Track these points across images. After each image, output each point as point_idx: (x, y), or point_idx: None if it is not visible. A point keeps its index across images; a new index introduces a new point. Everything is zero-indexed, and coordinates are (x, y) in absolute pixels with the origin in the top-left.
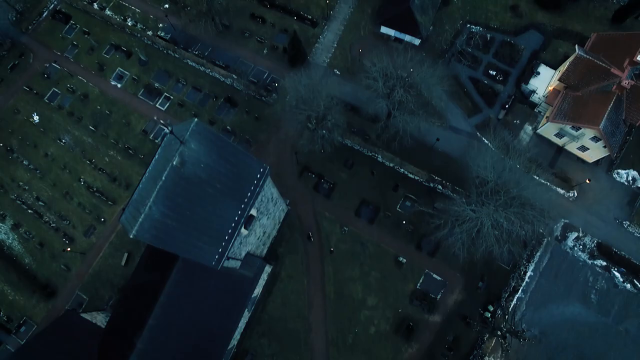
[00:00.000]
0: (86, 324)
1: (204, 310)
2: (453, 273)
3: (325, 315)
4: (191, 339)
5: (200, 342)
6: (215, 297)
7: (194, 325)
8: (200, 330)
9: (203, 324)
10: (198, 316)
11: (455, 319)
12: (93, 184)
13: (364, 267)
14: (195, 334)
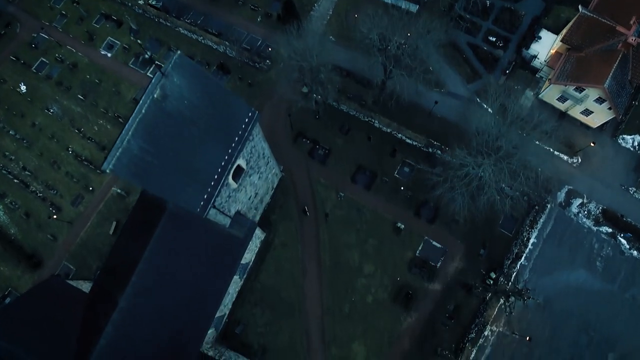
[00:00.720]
0: (71, 290)
1: (192, 269)
2: (453, 240)
3: (320, 284)
4: (179, 299)
5: (188, 303)
6: (204, 257)
7: (181, 285)
8: (188, 290)
9: (191, 284)
10: (186, 276)
11: (456, 287)
12: (82, 153)
13: (361, 234)
14: (183, 295)
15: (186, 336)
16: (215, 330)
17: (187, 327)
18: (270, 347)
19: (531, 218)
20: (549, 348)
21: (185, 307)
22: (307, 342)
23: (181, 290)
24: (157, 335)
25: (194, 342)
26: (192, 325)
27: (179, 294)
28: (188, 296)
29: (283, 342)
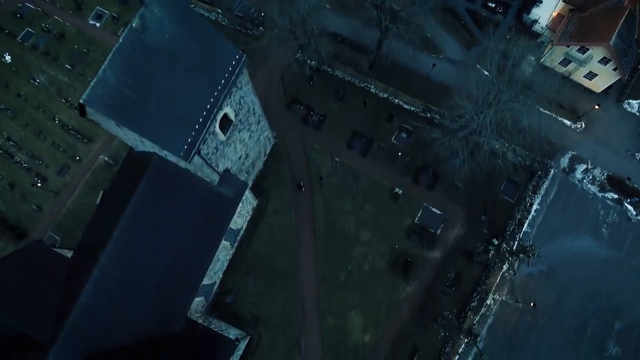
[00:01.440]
0: (53, 255)
1: (179, 228)
2: (453, 206)
3: (315, 252)
4: (164, 259)
5: (174, 264)
6: (191, 215)
7: (167, 245)
8: (174, 250)
9: (178, 243)
10: (172, 234)
11: (457, 255)
12: (69, 123)
13: (357, 201)
14: (169, 255)
15: (172, 300)
16: (205, 299)
17: (173, 290)
18: (263, 318)
19: (534, 183)
20: (554, 317)
21: (171, 268)
22: (301, 312)
23: (167, 250)
24: (141, 297)
25: (181, 306)
26: (178, 288)
27: (165, 253)
28: (174, 256)
29: (276, 312)
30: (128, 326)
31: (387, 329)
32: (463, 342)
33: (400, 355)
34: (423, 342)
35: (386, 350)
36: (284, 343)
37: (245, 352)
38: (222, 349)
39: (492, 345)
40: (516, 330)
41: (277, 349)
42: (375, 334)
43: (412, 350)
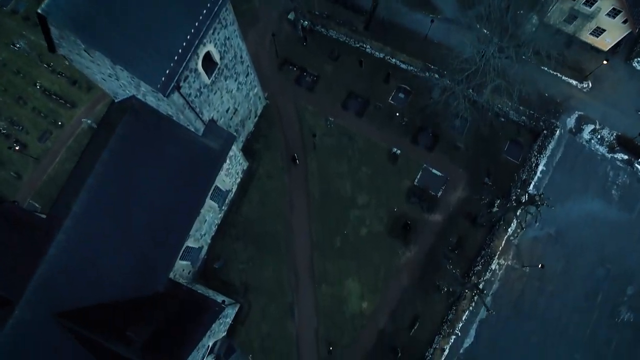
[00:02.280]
0: (28, 216)
1: (160, 179)
2: (455, 168)
3: (308, 216)
4: (143, 212)
5: (155, 219)
6: (174, 166)
7: (146, 196)
8: (155, 202)
9: (159, 196)
10: (152, 185)
11: (459, 218)
12: (50, 88)
13: (353, 162)
14: (149, 208)
15: (153, 258)
16: (191, 265)
17: (154, 247)
18: (253, 285)
19: (539, 143)
20: (563, 282)
21: (152, 222)
22: (294, 279)
23: (147, 203)
24: (118, 253)
25: (163, 265)
26: (160, 246)
27: (144, 206)
28: (155, 210)
29: (268, 279)
30: (103, 284)
31: (386, 296)
32: (467, 309)
33: (401, 323)
34: (425, 309)
35: (385, 318)
36: (276, 312)
37: (235, 322)
38: (207, 312)
39: (498, 312)
40: (523, 296)
41: (268, 318)
42: (374, 301)
43: (413, 318)
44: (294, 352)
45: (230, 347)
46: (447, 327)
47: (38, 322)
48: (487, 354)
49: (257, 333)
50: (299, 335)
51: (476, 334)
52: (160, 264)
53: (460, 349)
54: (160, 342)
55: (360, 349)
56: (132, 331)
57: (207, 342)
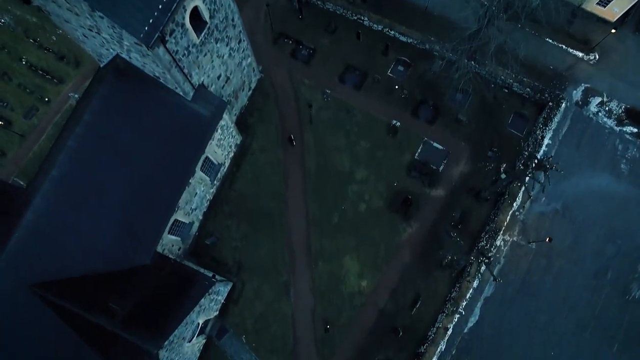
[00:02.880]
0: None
1: (145, 144)
2: (457, 141)
3: (304, 192)
4: (128, 179)
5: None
6: (161, 131)
7: (131, 162)
8: (140, 169)
9: (144, 162)
10: (137, 151)
11: (462, 193)
12: (37, 64)
13: (351, 136)
14: (134, 174)
15: (139, 228)
16: (182, 241)
17: (140, 216)
18: (247, 264)
19: (544, 115)
20: (571, 259)
21: (138, 190)
22: (290, 257)
23: (132, 169)
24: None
25: (149, 236)
26: (146, 215)
27: (129, 173)
28: (142, 177)
29: (262, 257)
30: (85, 254)
31: (386, 274)
32: (471, 285)
33: (402, 302)
34: (427, 287)
35: (385, 297)
36: (271, 291)
37: (227, 301)
38: (196, 286)
39: (504, 290)
40: (529, 274)
41: (262, 298)
42: (373, 279)
43: (414, 296)
44: (289, 332)
45: (223, 328)
46: (450, 305)
47: (13, 291)
48: (492, 334)
49: (251, 313)
50: (295, 315)
51: (481, 313)
52: (147, 236)
53: (464, 329)
54: (145, 315)
55: (359, 329)
56: (115, 303)
57: (196, 318)
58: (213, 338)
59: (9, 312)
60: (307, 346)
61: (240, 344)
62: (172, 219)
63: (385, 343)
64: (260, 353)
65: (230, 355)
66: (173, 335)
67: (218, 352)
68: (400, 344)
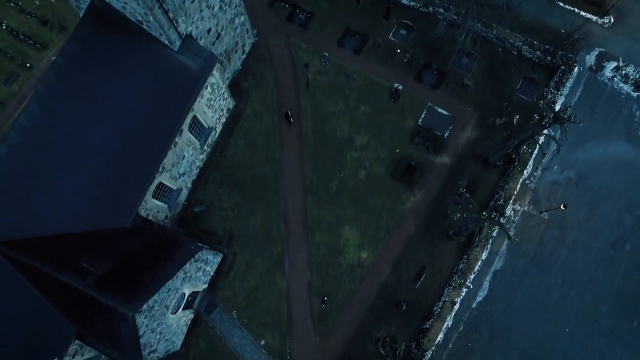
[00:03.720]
0: None
1: (125, 95)
2: (463, 107)
3: (301, 158)
4: (106, 132)
5: (120, 140)
6: (142, 82)
7: (110, 113)
8: (120, 122)
9: (124, 115)
10: (116, 102)
11: (469, 160)
12: (19, 29)
13: (350, 101)
14: (114, 127)
15: (119, 188)
16: (168, 209)
17: (119, 174)
18: (239, 234)
19: (556, 80)
20: (586, 230)
21: (117, 145)
22: (284, 227)
23: (110, 124)
24: (77, 178)
25: (131, 197)
26: (126, 173)
27: (108, 125)
28: (121, 131)
29: (255, 227)
30: (58, 213)
31: (388, 246)
32: (480, 259)
33: (405, 275)
34: (432, 260)
35: (388, 270)
36: (264, 263)
37: (217, 274)
38: (180, 250)
39: (514, 263)
40: (542, 245)
41: (255, 270)
42: (374, 251)
43: (419, 270)
44: (283, 307)
45: (212, 302)
46: (457, 277)
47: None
48: (503, 309)
49: (243, 286)
50: (290, 289)
51: (490, 287)
52: (128, 196)
53: (472, 303)
54: (122, 278)
55: (359, 304)
56: (89, 264)
57: (181, 286)
58: (202, 313)
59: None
60: (303, 322)
61: (231, 320)
62: (157, 181)
63: (387, 318)
64: (253, 329)
65: (220, 332)
66: (153, 301)
67: (207, 328)
68: (403, 320)
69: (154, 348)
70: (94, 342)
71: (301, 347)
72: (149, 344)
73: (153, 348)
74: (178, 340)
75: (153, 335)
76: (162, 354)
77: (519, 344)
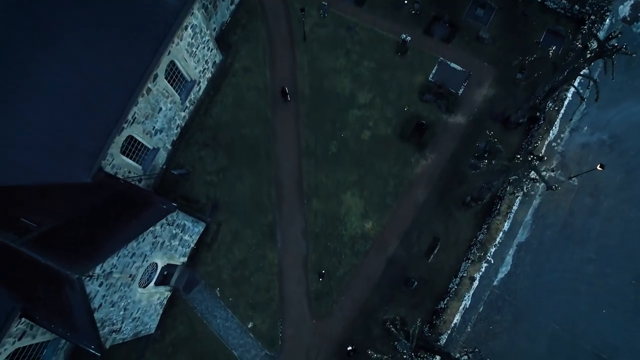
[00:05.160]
0: None
1: (87, 28)
2: (479, 62)
3: (296, 117)
4: (60, 67)
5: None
6: (108, 16)
7: (65, 46)
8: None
9: (84, 49)
10: (74, 34)
11: (487, 119)
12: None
13: (352, 55)
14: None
15: (78, 137)
16: (142, 170)
17: (78, 122)
18: (224, 201)
19: (585, 31)
20: (623, 199)
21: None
22: (276, 193)
23: (66, 59)
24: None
25: (91, 150)
26: (86, 121)
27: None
28: (78, 71)
29: (243, 194)
30: (6, 163)
31: (396, 215)
32: (502, 229)
33: (416, 248)
34: (447, 231)
35: (396, 242)
36: (253, 234)
37: (199, 246)
38: (149, 210)
39: (540, 235)
40: (572, 215)
41: (242, 243)
42: (380, 220)
43: (431, 242)
44: (274, 285)
45: (192, 279)
46: (476, 250)
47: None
48: (528, 287)
49: (228, 261)
50: (282, 264)
51: (513, 262)
52: (89, 147)
53: (493, 281)
54: (70, 235)
55: (362, 281)
56: (31, 219)
57: (150, 253)
58: (180, 291)
59: None
60: (298, 302)
61: (213, 299)
62: (126, 133)
63: (395, 298)
64: (239, 310)
65: (200, 313)
66: (110, 265)
67: (186, 309)
68: (414, 299)
69: (117, 327)
70: (43, 320)
71: (295, 331)
72: (109, 320)
73: (116, 327)
74: (151, 321)
75: (114, 311)
76: (130, 336)
77: (547, 327)
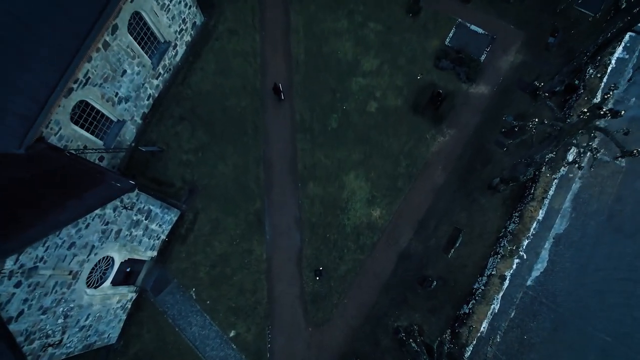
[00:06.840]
0: None
1: None
2: (504, 25)
3: (290, 86)
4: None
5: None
6: None
7: None
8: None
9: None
10: None
11: (515, 90)
12: None
13: (356, 17)
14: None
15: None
16: (104, 145)
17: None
18: (203, 185)
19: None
20: None
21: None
22: (265, 176)
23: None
24: None
25: (25, 115)
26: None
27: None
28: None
29: (225, 176)
30: None
31: (409, 201)
32: (536, 218)
33: (434, 241)
34: (471, 220)
35: (409, 234)
36: (236, 224)
37: (171, 238)
38: (97, 188)
39: (583, 226)
40: (620, 202)
41: (223, 234)
42: (390, 207)
43: (452, 233)
44: (262, 285)
45: (162, 278)
46: (507, 243)
47: None
48: (570, 288)
49: (207, 257)
50: (272, 260)
51: (550, 258)
52: (23, 110)
53: (527, 280)
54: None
55: (369, 281)
56: None
57: (99, 244)
58: (148, 292)
59: None
60: (290, 306)
61: (188, 302)
62: (77, 97)
63: (409, 301)
64: (219, 315)
65: (172, 318)
66: (31, 258)
67: (155, 314)
68: (431, 302)
69: (54, 339)
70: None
71: (286, 341)
72: (40, 332)
73: (53, 339)
74: (110, 330)
75: (48, 319)
76: (79, 349)
77: (595, 338)
